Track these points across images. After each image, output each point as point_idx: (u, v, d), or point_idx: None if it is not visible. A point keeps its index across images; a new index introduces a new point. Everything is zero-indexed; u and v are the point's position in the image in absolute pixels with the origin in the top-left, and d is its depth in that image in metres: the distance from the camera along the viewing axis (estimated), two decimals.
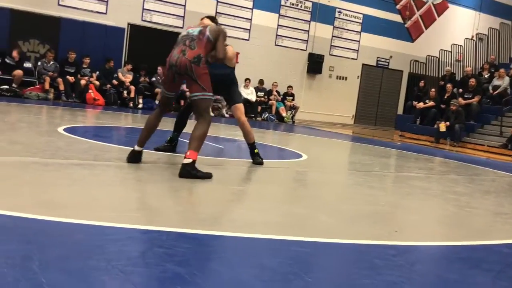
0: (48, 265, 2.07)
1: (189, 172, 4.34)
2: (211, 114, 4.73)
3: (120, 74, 13.77)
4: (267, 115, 15.87)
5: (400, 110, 19.53)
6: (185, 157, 4.40)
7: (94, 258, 2.21)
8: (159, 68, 14.19)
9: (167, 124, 6.39)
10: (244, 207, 3.80)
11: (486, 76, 15.96)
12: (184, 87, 14.51)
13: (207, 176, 4.43)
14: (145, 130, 4.83)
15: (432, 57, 17.86)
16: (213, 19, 5.12)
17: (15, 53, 12.36)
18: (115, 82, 13.37)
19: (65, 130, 6.59)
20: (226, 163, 5.73)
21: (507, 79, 14.52)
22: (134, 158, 4.74)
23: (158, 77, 14.19)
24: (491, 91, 14.74)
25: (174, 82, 4.72)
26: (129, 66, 13.91)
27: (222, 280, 2.15)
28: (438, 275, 2.65)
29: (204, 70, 4.52)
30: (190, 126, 5.04)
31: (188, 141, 4.53)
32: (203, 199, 3.85)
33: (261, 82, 16.19)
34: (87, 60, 13.24)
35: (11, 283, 1.84)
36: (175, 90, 4.83)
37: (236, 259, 2.50)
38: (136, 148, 4.76)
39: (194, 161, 4.40)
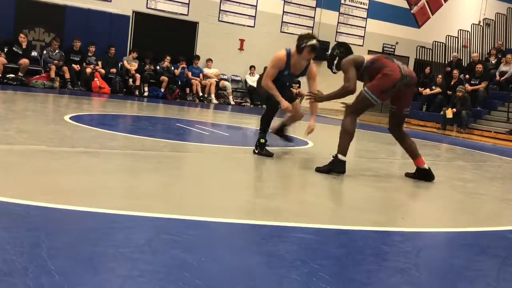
0: (56, 252, 2.08)
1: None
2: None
3: (125, 62, 13.77)
4: None
5: None
6: (423, 163, 4.88)
7: (101, 245, 2.23)
8: (168, 58, 14.17)
9: (172, 112, 6.38)
10: (251, 194, 3.81)
11: (493, 61, 15.84)
12: (189, 74, 14.53)
13: None
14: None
15: (439, 43, 17.72)
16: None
17: (22, 35, 12.35)
18: (113, 70, 13.34)
19: (71, 118, 6.61)
20: (232, 151, 5.73)
21: None
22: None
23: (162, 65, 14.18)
24: (498, 77, 14.64)
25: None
26: (134, 54, 13.90)
27: (230, 267, 2.16)
28: (445, 261, 2.65)
29: None
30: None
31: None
32: (209, 187, 3.86)
33: (266, 69, 16.12)
34: (92, 48, 13.24)
35: (20, 270, 1.86)
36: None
37: (243, 246, 2.51)
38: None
39: None
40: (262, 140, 5.40)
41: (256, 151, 5.37)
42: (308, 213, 3.30)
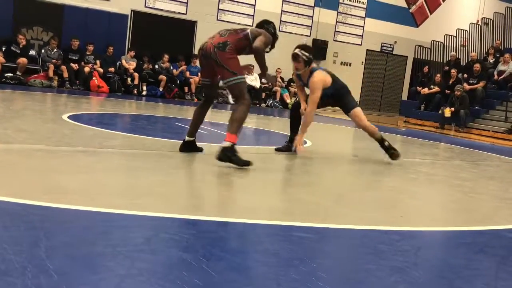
0: (54, 251, 2.08)
1: (228, 156, 4.26)
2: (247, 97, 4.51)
3: (123, 61, 13.75)
4: (271, 101, 15.83)
5: (404, 96, 19.44)
6: (224, 140, 4.33)
7: (100, 244, 2.23)
8: (166, 56, 14.15)
9: (171, 111, 6.35)
10: (249, 194, 3.80)
11: (491, 61, 15.85)
12: (187, 73, 14.45)
13: (245, 163, 4.32)
14: (192, 121, 4.94)
15: (437, 42, 17.73)
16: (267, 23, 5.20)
17: (21, 37, 12.33)
18: (111, 69, 13.33)
19: (69, 117, 6.60)
20: None
21: None
22: (185, 147, 4.87)
23: (162, 64, 14.16)
24: (496, 76, 14.66)
25: (203, 67, 4.78)
26: (133, 53, 13.88)
27: (228, 265, 2.16)
28: (443, 260, 2.65)
29: (230, 55, 4.48)
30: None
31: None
32: (207, 186, 3.86)
33: None
34: (91, 48, 13.21)
35: (18, 269, 1.86)
36: (209, 76, 4.78)
37: (241, 244, 2.51)
38: (186, 138, 4.88)
39: (233, 145, 4.32)
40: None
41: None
42: (306, 212, 3.30)
